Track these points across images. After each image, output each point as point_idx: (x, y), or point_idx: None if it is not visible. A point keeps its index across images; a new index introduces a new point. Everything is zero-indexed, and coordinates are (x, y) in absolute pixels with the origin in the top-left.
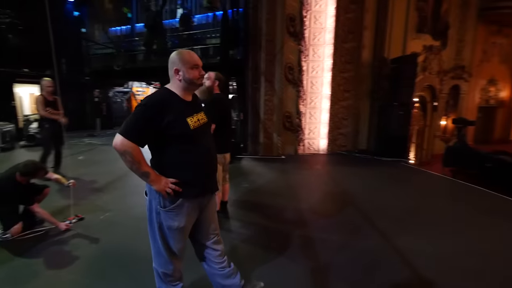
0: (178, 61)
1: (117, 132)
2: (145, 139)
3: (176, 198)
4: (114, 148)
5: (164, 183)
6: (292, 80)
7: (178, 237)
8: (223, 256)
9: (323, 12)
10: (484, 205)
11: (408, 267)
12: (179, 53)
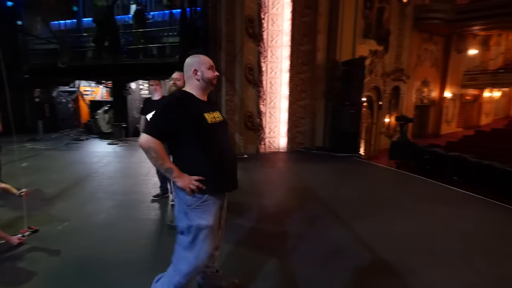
0: (197, 63)
1: (143, 132)
2: (168, 136)
3: (201, 195)
4: (140, 146)
5: (188, 179)
6: (252, 81)
7: (209, 239)
8: (214, 261)
9: (280, 15)
10: (425, 192)
11: (366, 249)
12: (196, 56)
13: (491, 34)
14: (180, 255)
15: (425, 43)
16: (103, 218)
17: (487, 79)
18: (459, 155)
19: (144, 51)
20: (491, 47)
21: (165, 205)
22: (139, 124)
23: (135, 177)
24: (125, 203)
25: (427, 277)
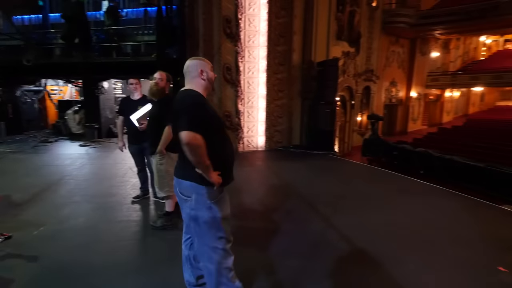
0: (202, 63)
1: (183, 130)
2: (203, 133)
3: (221, 187)
4: (188, 144)
5: (216, 174)
6: (230, 80)
7: (229, 226)
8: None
9: (256, 16)
10: (395, 185)
11: (345, 240)
12: (199, 58)
13: (451, 38)
14: (208, 247)
15: (393, 46)
16: (82, 222)
17: (448, 80)
18: (424, 151)
19: (117, 49)
20: (451, 50)
21: (146, 206)
22: (115, 124)
23: (112, 179)
24: (104, 205)
25: (402, 262)
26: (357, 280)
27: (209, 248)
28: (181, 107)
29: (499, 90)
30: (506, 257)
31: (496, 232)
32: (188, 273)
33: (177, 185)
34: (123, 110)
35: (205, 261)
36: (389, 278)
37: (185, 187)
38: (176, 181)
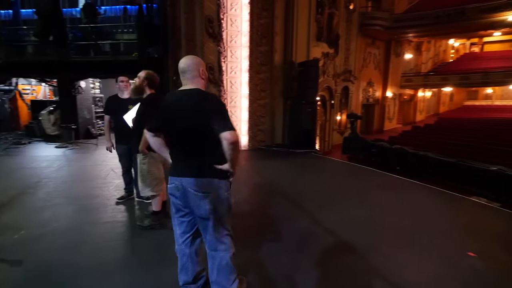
0: (201, 63)
1: (226, 130)
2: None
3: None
4: (235, 142)
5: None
6: (213, 80)
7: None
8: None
9: (238, 16)
10: (374, 180)
11: (330, 234)
12: (196, 56)
13: (422, 41)
14: (225, 235)
15: (369, 47)
16: (65, 224)
17: (420, 80)
18: (400, 148)
19: (95, 47)
20: (423, 52)
21: (131, 207)
22: (94, 125)
23: (93, 180)
24: (87, 207)
25: (383, 251)
26: (342, 269)
27: (226, 236)
28: (213, 108)
29: (466, 90)
30: (475, 243)
31: (466, 221)
32: (187, 274)
33: (188, 184)
34: (111, 109)
35: (222, 251)
36: (372, 266)
37: (204, 184)
38: (188, 180)
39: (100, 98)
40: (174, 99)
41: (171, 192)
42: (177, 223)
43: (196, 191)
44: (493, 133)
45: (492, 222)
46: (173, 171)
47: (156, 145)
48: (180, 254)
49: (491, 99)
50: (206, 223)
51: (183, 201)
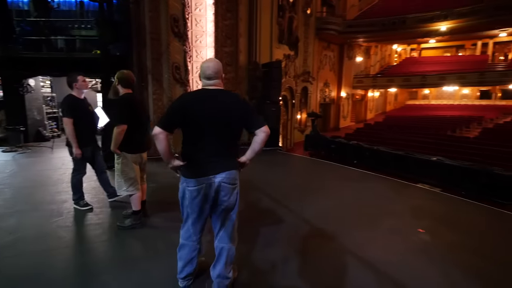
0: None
1: (264, 124)
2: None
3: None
4: (268, 135)
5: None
6: (180, 80)
7: None
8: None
9: (203, 16)
10: (336, 173)
11: (306, 222)
12: (216, 59)
13: (371, 45)
14: (235, 225)
15: (325, 50)
16: (36, 230)
17: (370, 82)
18: (356, 143)
19: (48, 43)
20: (371, 55)
21: (106, 208)
22: (45, 127)
23: (56, 185)
24: (57, 212)
25: (350, 233)
26: (320, 251)
27: (236, 221)
28: (251, 107)
29: (408, 91)
30: (422, 221)
31: (414, 204)
32: (192, 266)
33: (223, 178)
34: (75, 111)
35: (234, 242)
36: (346, 247)
37: (233, 176)
38: (222, 175)
39: (51, 97)
40: (203, 98)
41: (197, 194)
42: (193, 223)
43: (229, 184)
44: (432, 128)
45: (434, 204)
46: (204, 171)
47: (163, 143)
48: (190, 250)
49: (428, 99)
50: (228, 214)
51: (213, 197)
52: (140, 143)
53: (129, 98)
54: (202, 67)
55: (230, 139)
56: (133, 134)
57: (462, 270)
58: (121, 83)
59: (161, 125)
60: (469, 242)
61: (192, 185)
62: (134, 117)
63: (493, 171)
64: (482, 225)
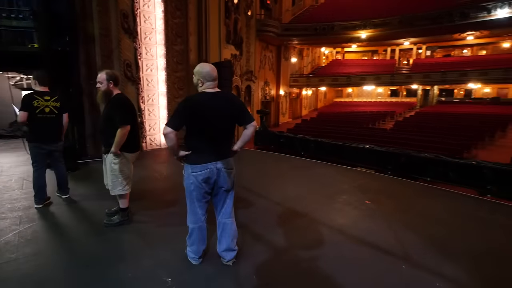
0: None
1: (253, 120)
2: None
3: None
4: (255, 128)
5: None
6: (131, 78)
7: None
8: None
9: (151, 13)
10: (290, 164)
11: (275, 203)
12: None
13: (304, 48)
14: (232, 203)
15: (264, 51)
16: (13, 237)
17: (304, 81)
18: (302, 137)
19: None
20: (304, 57)
21: (89, 206)
22: None
23: (8, 192)
24: (26, 217)
25: (316, 209)
26: (292, 222)
27: (233, 200)
28: (244, 106)
29: (335, 90)
30: (367, 195)
31: (357, 183)
32: (204, 243)
33: (222, 165)
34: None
35: (233, 218)
36: (316, 220)
37: (230, 163)
38: (222, 162)
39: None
40: (212, 100)
41: (204, 177)
42: (199, 206)
43: (227, 168)
44: (357, 122)
45: (371, 181)
46: (207, 158)
47: (174, 140)
48: (200, 230)
49: (351, 96)
50: (228, 194)
51: (215, 181)
52: (138, 141)
53: (126, 98)
54: (204, 71)
55: (228, 132)
56: (132, 133)
57: (401, 225)
58: (114, 82)
59: (171, 125)
60: (402, 206)
61: (197, 170)
62: (132, 117)
63: (410, 154)
64: (409, 194)
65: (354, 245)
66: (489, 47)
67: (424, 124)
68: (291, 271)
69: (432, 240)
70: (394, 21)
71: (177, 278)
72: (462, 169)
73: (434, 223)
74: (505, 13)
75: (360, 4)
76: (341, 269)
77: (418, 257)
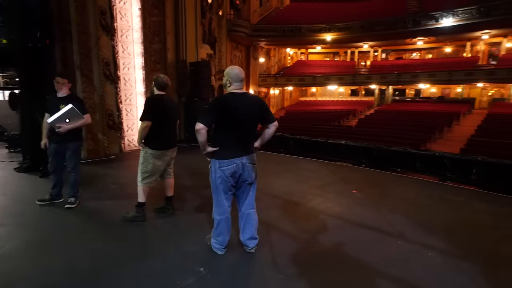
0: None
1: (275, 120)
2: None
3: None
4: (277, 128)
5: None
6: (110, 76)
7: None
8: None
9: (128, 10)
10: (273, 160)
11: (273, 196)
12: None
13: (271, 48)
14: (254, 197)
15: (234, 50)
16: (24, 242)
17: (272, 80)
18: (281, 134)
19: None
20: (271, 57)
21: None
22: None
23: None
24: (28, 223)
25: (312, 199)
26: (294, 211)
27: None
28: (267, 107)
29: (300, 89)
30: (352, 185)
31: (340, 175)
32: (229, 233)
33: (247, 160)
34: (48, 108)
35: (255, 208)
36: (308, 206)
37: (253, 158)
38: (247, 157)
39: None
40: (239, 100)
41: (231, 171)
42: (226, 198)
43: (251, 163)
44: (323, 120)
45: (352, 173)
46: (234, 153)
47: (205, 136)
48: (226, 221)
49: (315, 96)
50: (251, 187)
51: (239, 175)
52: (164, 141)
53: (155, 98)
54: (233, 73)
55: (252, 130)
56: (156, 131)
57: (388, 209)
58: (156, 86)
59: (203, 122)
60: (384, 193)
61: (225, 165)
62: (158, 116)
63: (382, 148)
64: (386, 183)
65: (354, 228)
66: (434, 51)
67: (384, 121)
68: (308, 253)
69: (415, 220)
70: (356, 26)
71: (208, 267)
72: (426, 160)
73: (414, 206)
74: (450, 22)
75: (325, 8)
76: (350, 248)
77: (408, 234)
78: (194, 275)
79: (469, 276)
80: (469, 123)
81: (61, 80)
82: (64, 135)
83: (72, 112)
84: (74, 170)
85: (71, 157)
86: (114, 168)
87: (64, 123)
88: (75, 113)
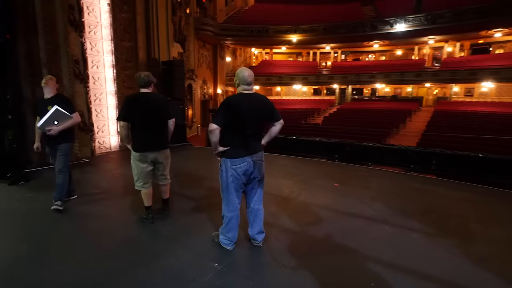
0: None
1: (280, 118)
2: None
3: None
4: (282, 126)
5: None
6: (80, 75)
7: None
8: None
9: (96, 5)
10: None
11: (267, 192)
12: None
13: (237, 47)
14: (262, 193)
15: (201, 49)
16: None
17: None
18: None
19: None
20: (237, 56)
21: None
22: None
23: None
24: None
25: (300, 193)
26: (286, 205)
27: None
28: (273, 106)
29: (265, 88)
30: (334, 179)
31: (319, 170)
32: (237, 230)
33: (257, 157)
34: (37, 111)
35: (263, 203)
36: (298, 200)
37: (262, 155)
38: (257, 155)
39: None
40: (247, 100)
41: (243, 169)
42: (237, 195)
43: (260, 160)
44: (290, 119)
45: (329, 168)
46: (245, 152)
47: (218, 136)
48: (236, 217)
49: (280, 95)
50: (260, 182)
51: (251, 172)
52: (145, 142)
53: (130, 97)
54: (242, 75)
55: (261, 128)
56: (136, 132)
57: (369, 199)
58: (138, 84)
59: (217, 123)
60: (362, 185)
61: (237, 164)
62: (135, 116)
63: (353, 143)
64: (362, 176)
65: (345, 218)
66: (387, 54)
67: (346, 118)
68: (311, 242)
69: (394, 206)
70: (320, 28)
71: (223, 262)
72: (393, 153)
73: (390, 194)
74: (402, 27)
75: (288, 9)
76: (346, 235)
77: (391, 219)
78: (211, 271)
79: (449, 250)
80: (419, 120)
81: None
82: (55, 137)
83: (59, 114)
84: (62, 172)
85: (61, 158)
86: (89, 172)
87: (54, 125)
88: (62, 114)
